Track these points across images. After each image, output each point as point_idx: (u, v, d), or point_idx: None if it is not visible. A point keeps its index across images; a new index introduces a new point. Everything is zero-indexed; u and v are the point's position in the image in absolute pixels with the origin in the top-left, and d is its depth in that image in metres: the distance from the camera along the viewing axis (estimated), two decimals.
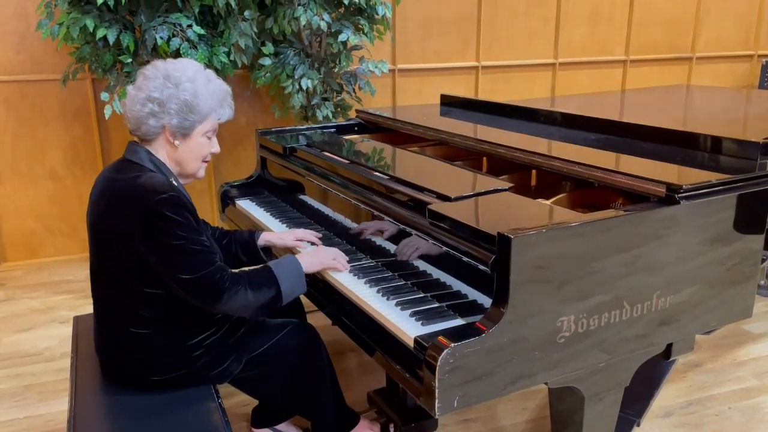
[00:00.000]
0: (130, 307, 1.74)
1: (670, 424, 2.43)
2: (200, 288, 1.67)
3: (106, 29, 3.13)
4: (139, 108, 1.73)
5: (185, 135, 1.79)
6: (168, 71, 1.75)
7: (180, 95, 1.73)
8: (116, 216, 1.70)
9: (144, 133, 1.77)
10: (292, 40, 3.64)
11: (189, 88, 1.74)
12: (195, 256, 1.67)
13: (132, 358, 1.77)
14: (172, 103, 1.73)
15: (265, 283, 1.76)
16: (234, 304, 1.71)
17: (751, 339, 3.05)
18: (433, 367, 1.34)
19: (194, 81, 1.76)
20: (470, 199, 1.72)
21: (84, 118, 3.98)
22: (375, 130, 2.91)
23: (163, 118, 1.74)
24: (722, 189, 1.66)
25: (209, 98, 1.79)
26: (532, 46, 4.83)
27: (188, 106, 1.75)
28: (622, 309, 1.56)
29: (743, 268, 1.78)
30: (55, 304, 3.52)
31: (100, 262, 1.79)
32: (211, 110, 1.80)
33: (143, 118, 1.74)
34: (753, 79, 5.52)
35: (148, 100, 1.73)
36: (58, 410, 2.52)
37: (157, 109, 1.73)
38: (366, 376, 2.70)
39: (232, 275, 1.72)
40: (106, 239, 1.74)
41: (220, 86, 1.84)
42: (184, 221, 1.67)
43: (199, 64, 1.85)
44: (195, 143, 1.81)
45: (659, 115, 2.89)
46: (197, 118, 1.77)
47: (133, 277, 1.71)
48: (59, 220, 4.10)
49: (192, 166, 1.84)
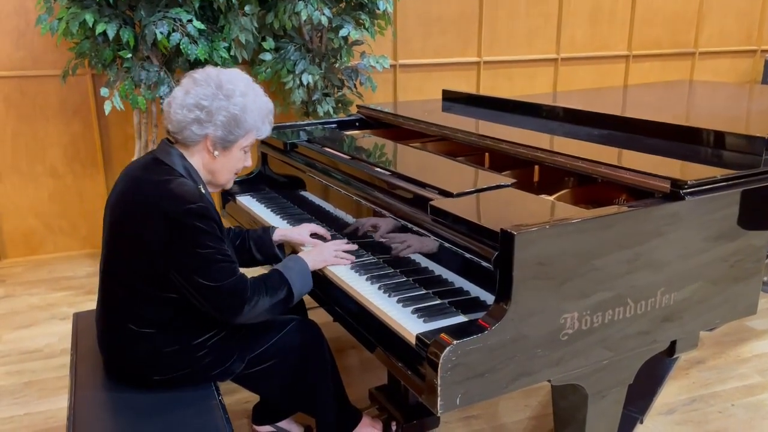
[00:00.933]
0: (138, 307, 1.73)
1: (672, 422, 2.41)
2: (222, 297, 1.67)
3: (105, 24, 3.11)
4: (185, 113, 1.71)
5: (226, 147, 1.78)
6: (221, 81, 1.73)
7: (230, 108, 1.72)
8: (140, 219, 1.68)
9: (185, 137, 1.74)
10: (293, 35, 3.62)
11: (240, 103, 1.73)
12: (219, 265, 1.67)
13: (135, 356, 1.76)
14: (220, 115, 1.71)
15: (279, 287, 1.78)
16: (253, 313, 1.73)
17: (755, 336, 3.04)
18: (436, 365, 1.33)
19: (246, 96, 1.75)
20: (472, 195, 1.70)
21: (84, 115, 3.96)
22: (376, 125, 2.90)
23: (208, 127, 1.72)
24: (727, 185, 1.65)
25: (256, 115, 1.78)
26: (533, 43, 4.81)
27: (236, 120, 1.73)
28: (626, 306, 1.55)
29: (748, 265, 1.77)
30: (55, 301, 3.51)
31: (113, 260, 1.77)
32: (255, 127, 1.80)
33: (188, 123, 1.71)
34: (756, 74, 5.50)
35: (196, 106, 1.70)
36: (58, 407, 2.52)
37: (204, 117, 1.71)
38: (367, 373, 2.69)
39: (252, 285, 1.72)
40: (125, 239, 1.72)
41: (267, 104, 1.84)
42: (211, 231, 1.66)
43: (249, 77, 1.82)
44: (233, 156, 1.81)
45: (662, 110, 2.88)
46: (241, 132, 1.77)
47: (145, 279, 1.70)
48: (59, 217, 4.08)
49: (224, 178, 1.84)
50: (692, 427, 2.38)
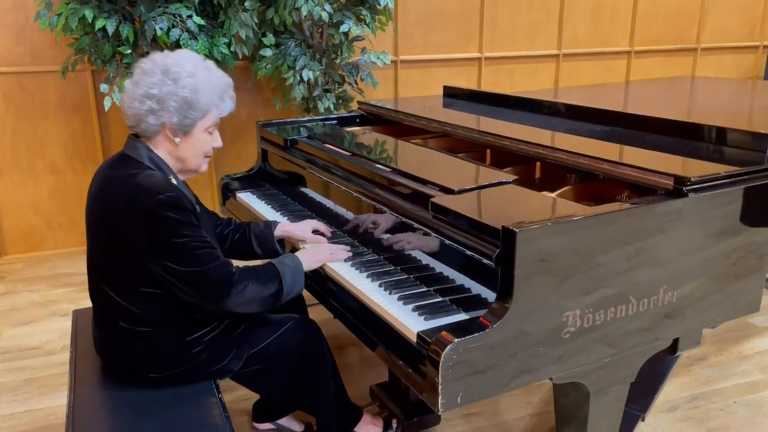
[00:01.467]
0: (128, 305, 1.71)
1: (674, 419, 2.41)
2: (208, 282, 1.65)
3: (105, 20, 3.09)
4: (137, 105, 1.68)
5: (186, 132, 1.74)
6: (167, 66, 1.69)
7: (179, 92, 1.67)
8: (114, 216, 1.66)
9: (143, 130, 1.72)
10: (293, 31, 3.60)
11: (189, 84, 1.68)
12: (199, 251, 1.64)
13: (131, 355, 1.75)
14: (171, 101, 1.67)
15: (270, 279, 1.74)
16: (241, 299, 1.68)
17: (757, 332, 3.03)
18: (437, 363, 1.32)
19: (194, 76, 1.70)
20: (474, 192, 1.69)
21: (84, 111, 3.95)
22: (377, 121, 2.88)
23: (162, 116, 1.68)
24: (731, 181, 1.63)
25: (210, 93, 1.73)
26: (535, 39, 4.79)
27: (188, 103, 1.69)
28: (629, 304, 1.54)
29: (750, 262, 1.76)
30: (56, 298, 3.50)
31: (98, 259, 1.75)
32: (212, 105, 1.75)
33: (142, 115, 1.68)
34: (758, 70, 5.47)
35: (146, 97, 1.67)
36: (58, 404, 2.51)
37: (156, 107, 1.67)
38: (368, 370, 2.69)
39: (240, 270, 1.70)
40: (105, 238, 1.71)
41: (221, 79, 1.78)
42: (185, 220, 1.63)
43: (198, 56, 1.79)
44: (196, 140, 1.76)
45: (664, 106, 2.86)
46: (198, 114, 1.72)
47: (131, 275, 1.68)
48: (60, 214, 4.08)
49: (194, 163, 1.80)
50: (694, 425, 2.38)
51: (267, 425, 2.28)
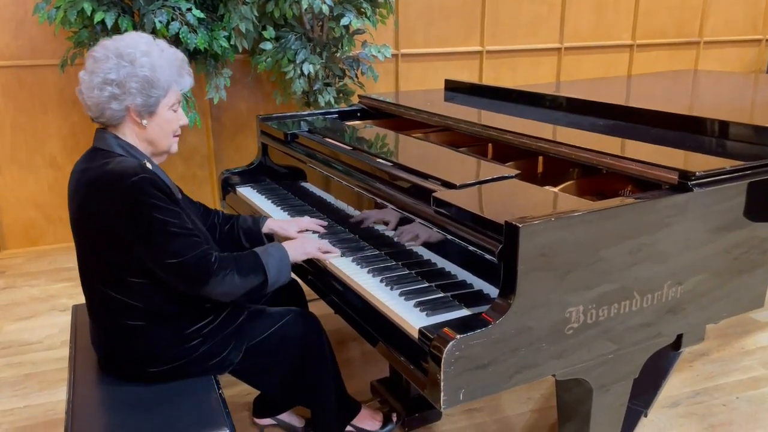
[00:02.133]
0: (121, 299, 1.69)
1: (677, 414, 2.40)
2: (186, 272, 1.64)
3: (104, 13, 3.07)
4: (97, 93, 1.65)
5: (151, 112, 1.72)
6: (119, 49, 1.67)
7: (138, 72, 1.66)
8: (93, 208, 1.65)
9: (109, 118, 1.70)
10: (294, 24, 3.58)
11: (146, 63, 1.67)
12: (176, 238, 1.63)
13: (128, 351, 1.73)
14: (132, 82, 1.65)
15: (253, 270, 1.74)
16: (220, 288, 1.68)
17: (759, 328, 3.02)
18: (439, 360, 1.31)
19: (149, 55, 1.68)
20: (476, 187, 1.68)
21: (83, 105, 3.92)
22: (378, 115, 2.86)
23: (125, 99, 1.66)
24: (736, 176, 1.62)
25: (168, 70, 1.72)
26: (537, 32, 4.76)
27: (149, 82, 1.67)
28: (632, 299, 1.53)
29: (754, 257, 1.74)
30: (56, 292, 3.49)
31: (86, 256, 1.74)
32: (172, 81, 1.73)
33: (104, 102, 1.66)
34: (761, 64, 5.45)
35: (105, 83, 1.64)
36: (58, 399, 2.50)
37: (117, 92, 1.65)
38: (369, 366, 2.68)
39: (220, 260, 1.68)
40: (88, 232, 1.70)
41: (175, 54, 1.76)
42: (159, 203, 1.61)
43: (147, 35, 1.77)
44: (162, 119, 1.75)
45: (667, 100, 2.84)
46: (160, 93, 1.71)
47: (120, 268, 1.67)
48: (59, 208, 4.06)
49: (164, 143, 1.78)
50: (696, 420, 2.37)
51: (267, 420, 2.28)
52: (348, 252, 1.93)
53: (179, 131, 1.82)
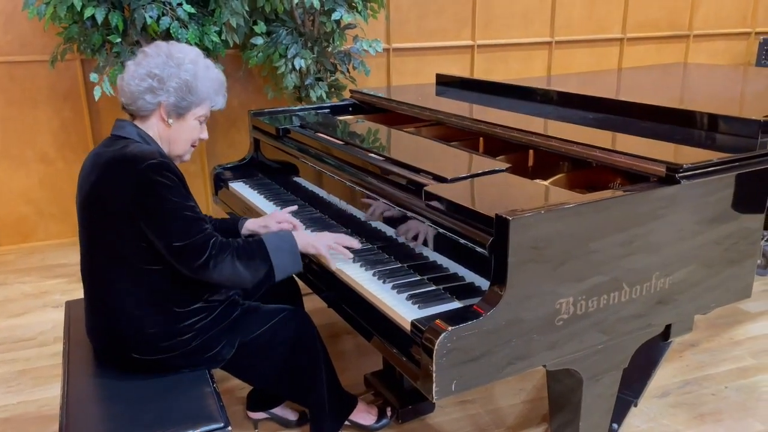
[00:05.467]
0: (123, 286, 1.71)
1: (667, 404, 2.42)
2: (190, 253, 1.67)
3: (94, 8, 3.06)
4: (137, 83, 1.75)
5: (180, 115, 1.81)
6: (171, 51, 1.79)
7: (181, 74, 1.76)
8: (108, 186, 1.69)
9: (139, 108, 1.78)
10: (285, 19, 3.57)
11: (190, 69, 1.78)
12: (187, 221, 1.68)
13: (122, 339, 1.74)
14: (172, 81, 1.75)
15: (257, 256, 1.75)
16: (222, 272, 1.69)
17: (749, 318, 3.05)
18: (431, 351, 1.32)
19: (196, 63, 1.80)
20: (467, 180, 1.69)
21: (74, 100, 3.92)
22: (370, 110, 2.87)
23: (161, 95, 1.76)
24: (723, 168, 1.64)
25: (208, 83, 1.82)
26: (528, 25, 4.77)
27: (188, 86, 1.77)
28: (621, 290, 1.55)
29: (742, 248, 1.76)
30: (48, 289, 3.49)
31: (92, 239, 1.76)
32: (208, 96, 1.83)
33: (141, 93, 1.75)
34: (750, 56, 5.48)
35: (148, 75, 1.74)
36: (52, 395, 2.51)
37: (156, 85, 1.75)
38: (362, 359, 2.69)
39: (220, 243, 1.71)
40: (99, 212, 1.72)
41: (218, 75, 1.88)
42: (174, 185, 1.67)
43: (200, 51, 1.87)
44: (188, 125, 1.83)
45: (657, 93, 2.86)
46: (194, 100, 1.80)
47: (127, 250, 1.69)
48: (51, 203, 4.05)
49: (181, 148, 1.85)
50: (686, 410, 2.40)
51: (261, 414, 2.29)
52: None
53: (197, 142, 1.90)
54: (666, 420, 2.34)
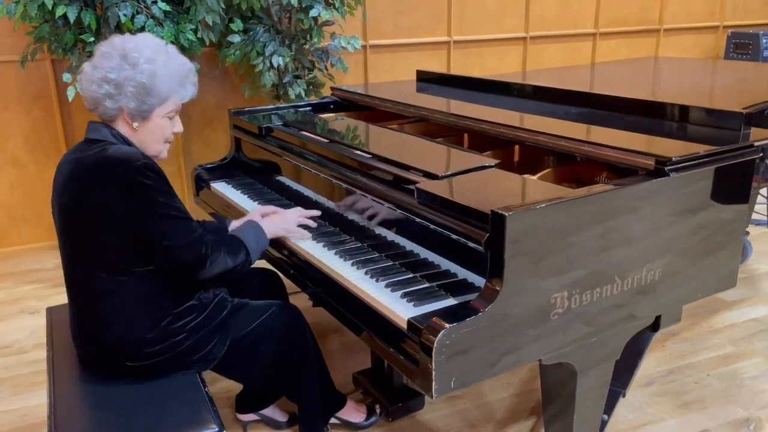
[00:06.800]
0: (111, 293, 1.66)
1: (652, 393, 2.46)
2: (182, 254, 1.65)
3: (65, 7, 2.99)
4: (95, 89, 1.68)
5: (144, 118, 1.73)
6: (125, 50, 1.68)
7: (137, 77, 1.66)
8: (91, 192, 1.63)
9: (102, 113, 1.72)
10: (262, 17, 3.54)
11: (147, 70, 1.67)
12: (178, 222, 1.65)
13: (113, 347, 1.69)
14: (128, 86, 1.67)
15: (237, 249, 1.80)
16: (215, 269, 1.72)
17: (726, 306, 3.11)
18: (430, 350, 1.32)
19: (154, 62, 1.69)
20: (458, 177, 1.69)
21: (45, 101, 3.83)
22: (351, 108, 2.86)
23: (120, 100, 1.68)
24: (711, 160, 1.66)
25: (169, 80, 1.72)
26: (503, 21, 4.80)
27: (146, 89, 1.68)
28: (614, 283, 1.56)
29: (725, 237, 1.79)
30: (24, 295, 3.41)
31: (77, 247, 1.70)
32: (172, 92, 1.74)
33: (100, 99, 1.68)
34: (718, 50, 5.59)
35: (104, 81, 1.66)
36: (34, 404, 2.45)
37: (113, 91, 1.67)
38: (350, 357, 2.68)
39: (212, 243, 1.72)
40: (83, 220, 1.65)
41: (183, 65, 1.77)
42: (162, 187, 1.64)
43: (160, 40, 1.76)
44: (155, 125, 1.75)
45: (633, 87, 2.90)
46: (156, 101, 1.71)
47: (115, 255, 1.64)
48: (23, 207, 3.95)
49: (154, 148, 1.78)
50: (671, 398, 2.44)
51: (251, 416, 2.27)
52: (330, 245, 1.93)
53: (172, 138, 1.82)
54: (651, 409, 2.38)
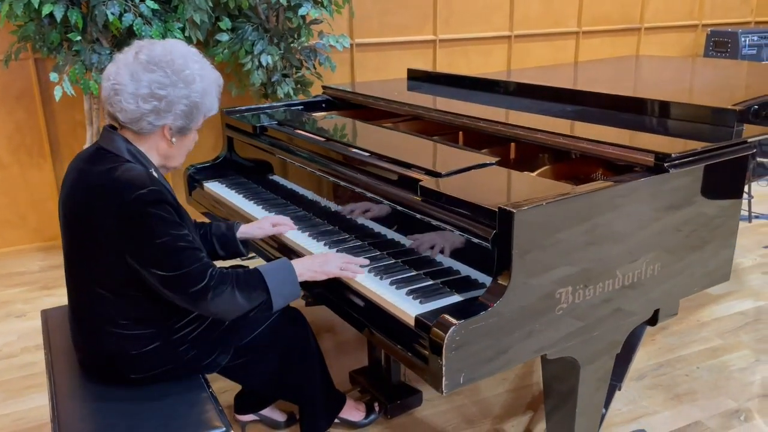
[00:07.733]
0: (110, 306, 1.62)
1: (644, 386, 2.50)
2: (186, 285, 1.56)
3: (52, 5, 2.95)
4: (140, 103, 1.56)
5: (184, 134, 1.68)
6: (176, 65, 1.58)
7: (192, 96, 1.60)
8: (92, 213, 1.56)
9: (140, 128, 1.61)
10: (250, 15, 3.52)
11: (200, 89, 1.62)
12: (180, 253, 1.55)
13: (114, 358, 1.66)
14: (181, 104, 1.60)
15: (254, 287, 1.64)
16: (221, 304, 1.59)
17: (712, 300, 3.17)
18: (440, 346, 1.33)
19: (204, 79, 1.64)
20: (461, 174, 1.70)
21: (28, 102, 3.76)
22: (343, 106, 2.85)
23: (167, 117, 1.60)
24: (708, 156, 1.69)
25: (213, 95, 1.68)
26: (488, 20, 4.83)
27: (197, 108, 1.63)
28: (615, 278, 1.58)
29: (716, 232, 1.82)
30: (10, 298, 3.35)
31: (77, 260, 1.65)
32: (212, 108, 1.70)
33: (144, 114, 1.57)
34: (698, 48, 5.68)
35: (152, 97, 1.56)
36: (26, 408, 2.41)
37: (162, 107, 1.58)
38: (345, 356, 2.68)
39: (220, 273, 1.60)
40: (84, 236, 1.61)
41: (217, 79, 1.72)
42: (167, 216, 1.54)
43: (194, 50, 1.68)
44: (190, 140, 1.72)
45: (622, 85, 2.93)
46: (201, 118, 1.68)
47: (112, 275, 1.59)
48: (6, 209, 3.89)
49: (178, 161, 1.73)
50: (662, 391, 2.48)
51: (250, 416, 2.26)
52: (331, 244, 1.93)
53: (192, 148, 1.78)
54: (645, 402, 2.42)
